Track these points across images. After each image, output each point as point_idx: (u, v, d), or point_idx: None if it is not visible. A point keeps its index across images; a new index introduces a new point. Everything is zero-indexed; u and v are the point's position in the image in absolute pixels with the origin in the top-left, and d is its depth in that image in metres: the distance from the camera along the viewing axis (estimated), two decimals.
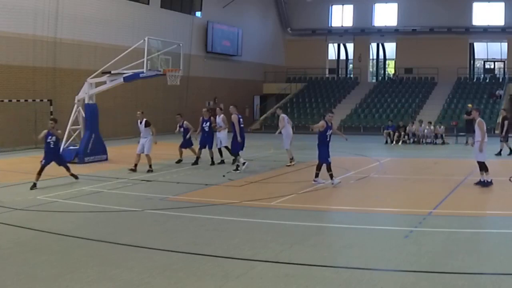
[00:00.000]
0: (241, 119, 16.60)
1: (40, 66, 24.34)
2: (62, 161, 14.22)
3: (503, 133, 20.67)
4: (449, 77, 38.64)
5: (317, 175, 13.51)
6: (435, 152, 22.30)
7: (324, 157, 13.32)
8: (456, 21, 39.10)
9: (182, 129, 18.31)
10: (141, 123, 16.35)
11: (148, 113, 18.49)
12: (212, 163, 17.55)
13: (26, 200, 11.59)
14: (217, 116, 18.08)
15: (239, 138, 16.01)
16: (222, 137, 17.91)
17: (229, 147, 17.16)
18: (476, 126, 13.08)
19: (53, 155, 13.80)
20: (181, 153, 18.14)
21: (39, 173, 13.34)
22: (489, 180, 12.86)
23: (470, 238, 8.49)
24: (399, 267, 7.03)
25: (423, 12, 39.63)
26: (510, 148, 20.59)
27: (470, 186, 13.26)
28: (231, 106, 16.94)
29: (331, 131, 13.49)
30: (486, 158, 12.98)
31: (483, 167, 12.88)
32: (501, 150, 20.54)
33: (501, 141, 20.92)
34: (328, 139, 13.38)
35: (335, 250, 7.94)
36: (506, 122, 20.98)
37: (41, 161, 13.71)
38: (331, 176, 13.30)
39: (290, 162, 17.41)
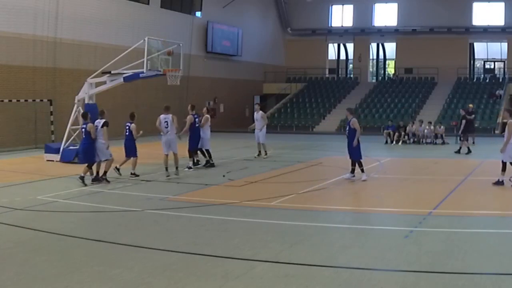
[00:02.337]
0: (196, 119, 16.64)
1: (40, 66, 24.34)
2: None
3: (460, 132, 21.84)
4: (449, 77, 38.65)
5: (352, 171, 14.36)
6: (435, 152, 22.29)
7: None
8: (456, 21, 39.10)
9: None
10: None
11: (148, 113, 18.48)
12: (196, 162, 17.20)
13: (26, 200, 11.58)
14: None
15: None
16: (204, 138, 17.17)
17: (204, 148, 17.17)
18: (506, 127, 13.04)
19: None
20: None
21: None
22: (501, 180, 12.87)
23: (470, 238, 8.49)
24: (399, 267, 7.03)
25: (423, 12, 39.63)
26: (468, 147, 21.35)
27: (470, 186, 13.27)
28: (189, 105, 17.01)
29: (347, 127, 14.34)
30: (509, 159, 12.93)
31: (503, 167, 12.88)
32: (460, 148, 21.46)
33: (460, 140, 22.05)
34: (346, 134, 14.44)
35: (335, 250, 7.94)
36: (463, 122, 21.84)
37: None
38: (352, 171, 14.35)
39: (259, 154, 19.36)
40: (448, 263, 7.10)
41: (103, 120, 14.11)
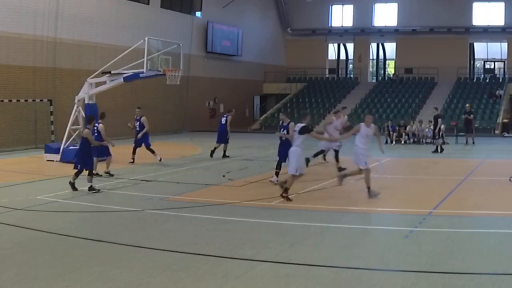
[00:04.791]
0: (222, 118, 19.84)
1: (40, 66, 24.33)
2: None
3: (436, 131, 22.40)
4: (449, 77, 38.62)
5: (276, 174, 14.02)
6: (435, 152, 22.27)
7: None
8: (456, 21, 39.08)
9: (138, 124, 17.69)
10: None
11: (148, 113, 18.48)
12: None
13: (26, 200, 11.58)
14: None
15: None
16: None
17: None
18: None
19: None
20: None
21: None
22: None
23: (470, 238, 8.49)
24: (399, 267, 7.04)
25: (423, 12, 39.61)
26: (440, 146, 21.87)
27: (470, 186, 13.26)
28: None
29: (284, 129, 14.35)
30: None
31: None
32: (437, 147, 22.03)
33: (436, 138, 22.59)
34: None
35: (335, 250, 7.94)
36: (439, 120, 22.25)
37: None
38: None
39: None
40: (448, 263, 7.10)
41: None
